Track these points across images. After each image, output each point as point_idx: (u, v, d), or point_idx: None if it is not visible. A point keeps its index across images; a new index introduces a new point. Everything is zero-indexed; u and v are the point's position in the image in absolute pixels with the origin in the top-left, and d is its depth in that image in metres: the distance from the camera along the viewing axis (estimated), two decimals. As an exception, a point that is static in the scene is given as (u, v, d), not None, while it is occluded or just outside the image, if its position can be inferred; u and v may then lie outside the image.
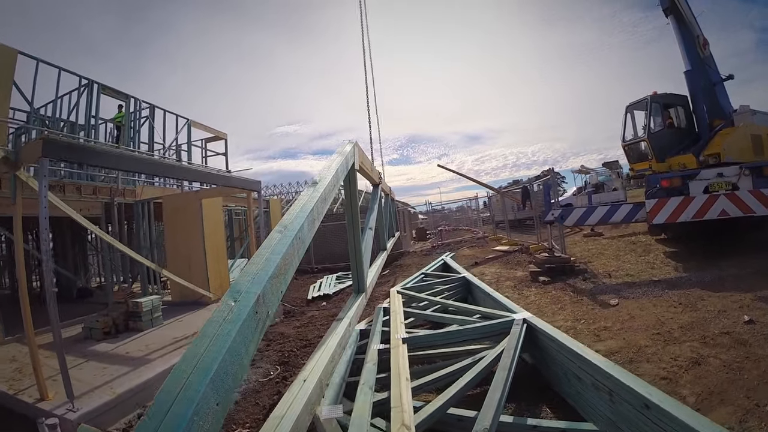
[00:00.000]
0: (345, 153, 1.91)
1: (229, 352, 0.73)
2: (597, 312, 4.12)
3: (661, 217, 5.14)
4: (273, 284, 0.92)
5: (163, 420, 0.61)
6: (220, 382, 0.70)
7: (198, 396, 0.64)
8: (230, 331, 0.76)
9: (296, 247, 1.09)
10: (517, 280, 6.10)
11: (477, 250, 10.52)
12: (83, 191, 6.97)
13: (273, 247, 1.02)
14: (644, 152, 7.11)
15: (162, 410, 0.62)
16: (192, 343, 0.74)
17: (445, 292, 4.67)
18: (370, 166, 3.01)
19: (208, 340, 0.74)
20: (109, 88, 8.01)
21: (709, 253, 5.57)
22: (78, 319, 6.79)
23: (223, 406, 0.70)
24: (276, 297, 0.95)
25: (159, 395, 0.65)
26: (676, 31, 7.14)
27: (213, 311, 0.82)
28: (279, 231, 1.10)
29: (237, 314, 0.80)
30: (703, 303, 3.83)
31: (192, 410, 0.62)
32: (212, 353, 0.72)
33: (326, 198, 1.42)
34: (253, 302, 0.83)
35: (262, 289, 0.87)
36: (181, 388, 0.66)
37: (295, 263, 1.08)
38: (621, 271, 5.71)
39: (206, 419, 0.65)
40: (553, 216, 5.88)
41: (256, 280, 0.89)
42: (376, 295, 8.13)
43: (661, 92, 7.17)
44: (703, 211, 4.97)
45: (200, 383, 0.67)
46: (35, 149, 3.66)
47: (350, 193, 2.21)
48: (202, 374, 0.68)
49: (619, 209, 5.54)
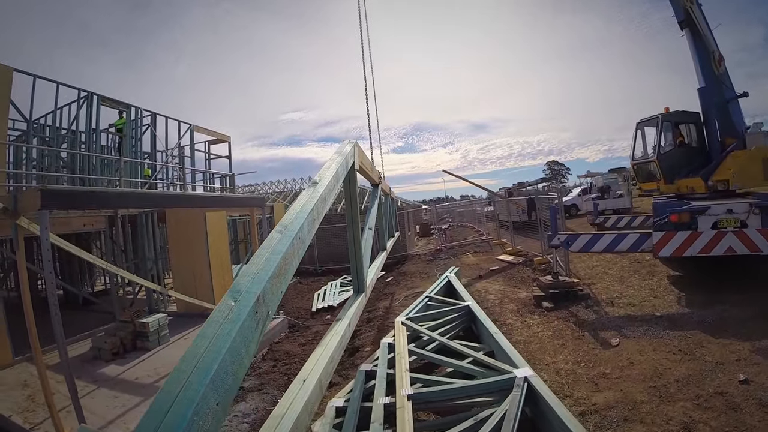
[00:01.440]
0: (345, 153, 1.95)
1: (229, 352, 0.74)
2: (597, 353, 4.27)
3: (668, 250, 5.18)
4: (273, 284, 0.94)
5: (163, 420, 0.62)
6: (220, 382, 0.71)
7: (198, 396, 0.66)
8: (230, 331, 0.77)
9: (296, 247, 1.11)
10: (521, 303, 6.26)
11: (481, 258, 10.69)
12: (86, 204, 7.06)
13: (273, 247, 1.04)
14: (653, 172, 7.07)
15: (162, 410, 0.64)
16: (192, 343, 0.75)
17: (449, 324, 4.87)
18: (370, 165, 3.08)
19: (208, 340, 0.75)
20: (108, 99, 7.93)
21: (712, 285, 5.60)
22: (85, 334, 7.06)
23: (223, 406, 0.72)
24: (276, 297, 0.97)
25: (159, 395, 0.67)
26: (691, 46, 6.98)
27: (213, 311, 0.84)
28: (279, 231, 1.12)
29: (237, 314, 0.81)
30: (701, 351, 3.91)
31: (192, 410, 0.64)
32: (212, 353, 0.73)
33: (326, 198, 1.45)
34: (253, 302, 0.84)
35: (262, 289, 0.88)
36: (181, 388, 0.67)
37: (295, 263, 1.10)
38: (624, 298, 5.85)
39: (206, 419, 0.66)
40: (558, 241, 5.97)
41: (256, 280, 0.91)
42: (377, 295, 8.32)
43: (673, 110, 7.03)
44: (709, 247, 5.02)
45: (200, 383, 0.68)
46: (34, 200, 3.68)
47: (350, 193, 2.26)
48: (202, 374, 0.69)
49: (625, 239, 5.58)
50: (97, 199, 4.55)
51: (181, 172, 8.58)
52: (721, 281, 5.64)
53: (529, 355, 4.33)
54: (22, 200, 4.04)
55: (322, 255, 13.33)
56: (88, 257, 6.26)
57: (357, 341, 5.72)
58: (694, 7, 6.72)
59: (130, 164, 8.30)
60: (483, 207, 16.59)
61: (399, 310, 6.85)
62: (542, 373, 3.86)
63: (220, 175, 10.72)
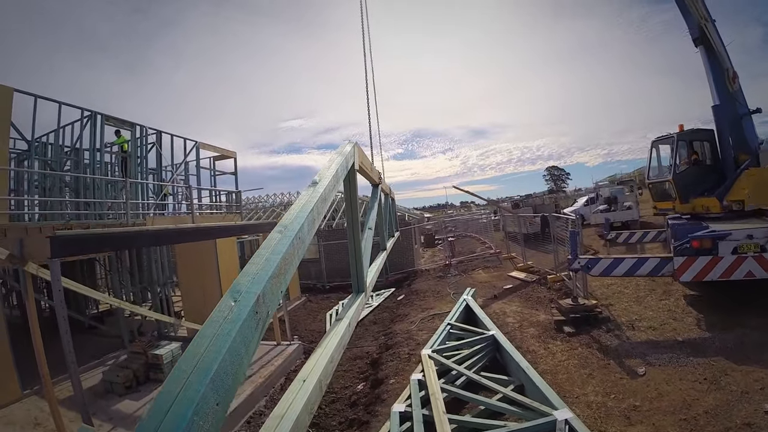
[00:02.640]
0: (345, 153, 1.97)
1: (229, 352, 0.75)
2: (626, 384, 4.40)
3: (688, 275, 5.36)
4: (273, 284, 0.95)
5: (163, 420, 0.63)
6: (220, 382, 0.72)
7: (198, 396, 0.66)
8: (230, 331, 0.78)
9: (296, 247, 1.12)
10: (541, 327, 6.41)
11: (493, 274, 10.84)
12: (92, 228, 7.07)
13: (273, 247, 1.05)
14: (668, 191, 7.25)
15: (162, 410, 0.65)
16: (192, 343, 0.77)
17: (475, 355, 4.99)
18: (370, 166, 3.12)
19: (208, 340, 0.76)
20: (113, 118, 7.97)
21: (730, 305, 5.71)
22: (95, 362, 7.02)
23: (223, 406, 0.73)
24: (276, 297, 0.98)
25: (159, 395, 0.68)
26: (706, 63, 7.19)
27: (213, 311, 0.85)
28: (279, 231, 1.14)
29: (237, 314, 0.82)
30: (726, 380, 4.06)
31: (192, 410, 0.64)
32: (212, 353, 0.74)
33: (326, 198, 1.46)
34: (253, 302, 0.85)
35: (262, 289, 0.90)
36: (181, 388, 0.68)
37: (295, 263, 1.12)
38: (643, 320, 6.03)
39: (206, 419, 0.67)
40: (579, 265, 6.14)
41: (256, 280, 0.92)
42: (392, 316, 8.34)
43: (688, 128, 7.29)
44: (729, 272, 5.19)
45: (200, 383, 0.69)
46: (42, 247, 3.52)
47: (350, 193, 2.29)
48: (202, 374, 0.70)
49: (646, 263, 5.75)
50: (110, 242, 4.42)
51: (188, 192, 8.63)
52: (738, 302, 5.80)
53: (558, 386, 4.45)
54: (30, 246, 3.91)
55: (329, 270, 13.47)
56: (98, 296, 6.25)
57: (380, 371, 5.76)
58: (708, 25, 6.85)
59: (137, 185, 8.34)
60: (489, 218, 16.81)
61: (417, 335, 6.96)
62: (574, 407, 3.98)
63: (226, 192, 10.81)
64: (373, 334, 8.00)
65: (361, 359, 6.77)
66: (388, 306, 9.99)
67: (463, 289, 9.64)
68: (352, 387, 5.84)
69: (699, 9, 6.97)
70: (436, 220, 22.72)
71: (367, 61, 5.26)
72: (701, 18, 7.00)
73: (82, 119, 7.54)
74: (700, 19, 7.00)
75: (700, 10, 6.97)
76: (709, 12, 7.12)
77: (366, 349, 7.16)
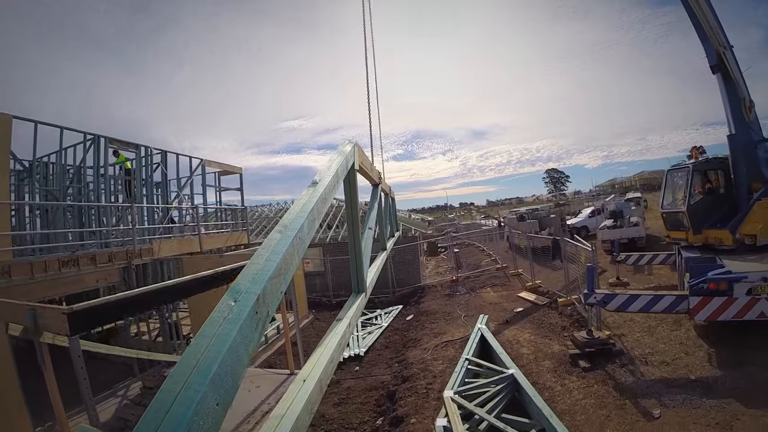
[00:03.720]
0: (345, 153, 1.99)
1: (230, 352, 0.76)
2: (642, 427, 4.53)
3: (703, 314, 5.58)
4: (273, 284, 0.96)
5: (163, 420, 0.64)
6: (220, 382, 0.73)
7: (198, 396, 0.68)
8: (230, 330, 0.80)
9: (296, 247, 1.13)
10: (556, 360, 6.63)
11: (502, 294, 11.06)
12: (99, 261, 7.07)
13: (273, 247, 1.06)
14: (681, 221, 7.46)
15: (162, 410, 0.65)
16: (192, 343, 0.78)
17: (496, 396, 5.22)
18: (369, 165, 3.16)
19: (208, 340, 0.77)
20: (116, 141, 7.95)
21: (741, 340, 5.91)
22: (106, 393, 7.09)
23: (223, 406, 0.74)
24: (276, 297, 0.99)
25: (159, 395, 0.69)
26: (722, 91, 7.37)
27: (213, 311, 0.87)
28: (279, 231, 1.15)
29: (237, 314, 0.83)
30: (738, 425, 4.27)
31: (192, 410, 0.66)
32: (212, 353, 0.75)
33: (326, 198, 1.48)
34: (253, 302, 0.87)
35: (262, 289, 0.91)
36: (181, 388, 0.69)
37: (295, 263, 1.13)
38: (656, 354, 6.27)
39: (206, 419, 0.68)
40: (595, 300, 6.34)
41: (256, 280, 0.93)
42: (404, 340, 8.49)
43: (703, 157, 7.53)
44: (743, 313, 5.40)
45: (200, 383, 0.70)
46: (59, 322, 3.41)
47: (350, 193, 2.31)
48: (202, 374, 0.71)
49: (662, 300, 5.91)
50: (135, 305, 4.34)
51: (195, 214, 8.68)
52: (747, 336, 6.12)
53: (578, 429, 4.72)
54: (45, 320, 3.78)
55: (335, 284, 13.65)
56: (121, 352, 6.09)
57: (399, 408, 5.79)
58: (727, 53, 6.99)
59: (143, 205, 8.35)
60: (495, 229, 17.07)
61: (432, 365, 7.15)
62: (596, 453, 4.24)
63: (231, 212, 10.85)
64: (386, 361, 8.03)
65: (376, 390, 6.85)
66: (398, 328, 10.04)
67: (473, 311, 9.87)
68: (370, 422, 6.01)
69: (718, 36, 7.14)
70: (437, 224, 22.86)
71: (369, 62, 5.19)
72: (720, 45, 7.16)
73: (85, 142, 7.53)
74: (718, 46, 7.16)
75: (719, 37, 7.13)
76: (728, 39, 7.31)
77: (381, 379, 7.22)
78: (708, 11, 7.15)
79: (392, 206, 5.67)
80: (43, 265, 5.99)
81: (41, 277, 6.05)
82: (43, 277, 6.07)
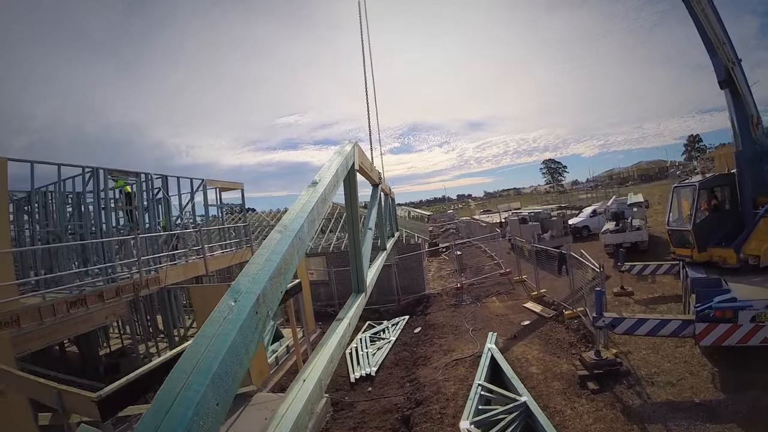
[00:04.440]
0: (345, 153, 2.01)
1: (229, 352, 0.77)
2: None
3: (708, 340, 5.75)
4: (273, 284, 0.97)
5: (163, 420, 0.65)
6: (220, 382, 0.74)
7: (198, 396, 0.68)
8: (230, 330, 0.80)
9: (296, 247, 1.14)
10: (565, 381, 6.85)
11: (507, 303, 11.26)
12: (106, 296, 7.05)
13: (273, 247, 1.07)
14: (687, 238, 7.59)
15: (162, 410, 0.66)
16: (192, 343, 0.79)
17: (510, 425, 5.43)
18: (369, 166, 3.18)
19: (208, 340, 0.78)
20: (116, 171, 7.83)
21: (744, 362, 6.11)
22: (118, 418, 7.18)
23: (223, 406, 0.74)
24: (276, 297, 0.99)
25: (159, 395, 0.69)
26: (731, 107, 7.42)
27: (213, 311, 0.87)
28: (279, 231, 1.16)
29: (237, 314, 0.84)
30: None
31: (192, 410, 0.66)
32: (212, 353, 0.75)
33: (326, 198, 1.49)
34: (253, 302, 0.87)
35: (262, 289, 0.92)
36: (181, 388, 0.69)
37: (295, 263, 1.14)
38: (662, 374, 6.49)
39: (206, 419, 0.69)
40: (604, 323, 6.55)
41: (256, 280, 0.94)
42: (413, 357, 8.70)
43: (710, 174, 7.64)
44: (747, 338, 5.60)
45: (200, 383, 0.70)
46: (88, 408, 3.45)
47: (350, 193, 2.33)
48: (202, 374, 0.72)
49: (668, 324, 6.12)
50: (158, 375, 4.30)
51: (199, 237, 8.64)
52: (749, 358, 6.18)
53: (589, 458, 5.01)
54: (71, 405, 3.79)
55: (340, 294, 13.76)
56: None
57: None
58: (736, 68, 7.04)
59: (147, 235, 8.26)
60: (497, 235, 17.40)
61: (445, 387, 7.35)
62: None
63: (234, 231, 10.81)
64: (398, 380, 8.07)
65: (391, 413, 6.89)
66: (406, 342, 10.05)
67: (480, 324, 10.07)
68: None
69: (726, 51, 7.14)
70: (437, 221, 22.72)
71: (366, 59, 5.12)
72: (728, 60, 7.17)
73: (84, 175, 7.43)
74: (727, 61, 7.17)
75: (727, 53, 7.14)
76: (736, 53, 7.29)
77: (394, 401, 7.27)
78: (716, 24, 7.11)
79: (392, 206, 5.67)
80: (51, 309, 5.96)
81: (50, 321, 6.04)
82: (52, 321, 6.05)
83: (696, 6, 7.13)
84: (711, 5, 7.05)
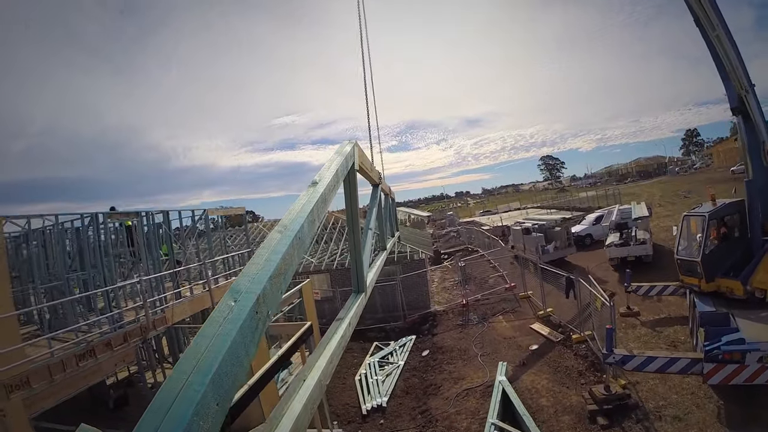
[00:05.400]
0: (345, 153, 2.02)
1: (229, 352, 0.78)
2: None
3: (716, 379, 5.94)
4: (273, 284, 0.98)
5: (163, 420, 0.65)
6: (220, 382, 0.74)
7: (198, 396, 0.69)
8: (230, 331, 0.81)
9: (296, 247, 1.15)
10: (575, 415, 7.02)
11: (514, 323, 11.37)
12: (114, 344, 7.03)
13: (273, 247, 1.07)
14: (695, 268, 7.65)
15: (162, 410, 0.67)
16: (192, 343, 0.79)
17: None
18: (369, 165, 3.20)
19: (208, 340, 0.79)
20: (115, 214, 7.78)
21: (749, 397, 6.21)
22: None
23: (223, 406, 0.75)
24: (276, 297, 1.00)
25: (159, 395, 0.70)
26: (743, 134, 7.50)
27: (213, 311, 0.88)
28: (279, 231, 1.17)
29: (237, 314, 0.85)
30: None
31: (192, 410, 0.67)
32: (212, 353, 0.76)
33: (326, 198, 1.50)
34: (253, 302, 0.88)
35: (262, 289, 0.93)
36: (181, 388, 0.70)
37: (295, 263, 1.14)
38: (669, 407, 6.64)
39: (206, 419, 0.69)
40: (614, 360, 6.72)
41: (256, 280, 0.95)
42: (423, 384, 8.91)
43: (720, 202, 7.71)
44: (753, 378, 5.78)
45: (200, 383, 0.71)
46: None
47: (350, 193, 2.35)
48: (202, 374, 0.72)
49: (677, 362, 6.29)
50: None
51: (204, 270, 8.64)
52: (755, 393, 6.32)
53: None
54: None
55: (342, 307, 13.87)
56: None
57: None
58: (749, 96, 7.09)
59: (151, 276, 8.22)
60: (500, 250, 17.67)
61: (457, 422, 7.50)
62: None
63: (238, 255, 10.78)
64: (408, 411, 8.07)
65: None
66: (415, 367, 10.03)
67: (488, 348, 10.23)
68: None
69: (740, 79, 7.17)
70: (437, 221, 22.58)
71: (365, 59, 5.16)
72: (741, 87, 7.21)
73: (83, 220, 7.35)
74: (740, 89, 7.21)
75: (741, 81, 7.18)
76: (750, 79, 7.32)
77: None
78: (731, 51, 7.12)
79: (392, 206, 5.73)
80: (61, 365, 5.96)
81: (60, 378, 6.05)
82: (62, 377, 6.07)
83: (710, 32, 7.13)
84: (725, 29, 7.05)
